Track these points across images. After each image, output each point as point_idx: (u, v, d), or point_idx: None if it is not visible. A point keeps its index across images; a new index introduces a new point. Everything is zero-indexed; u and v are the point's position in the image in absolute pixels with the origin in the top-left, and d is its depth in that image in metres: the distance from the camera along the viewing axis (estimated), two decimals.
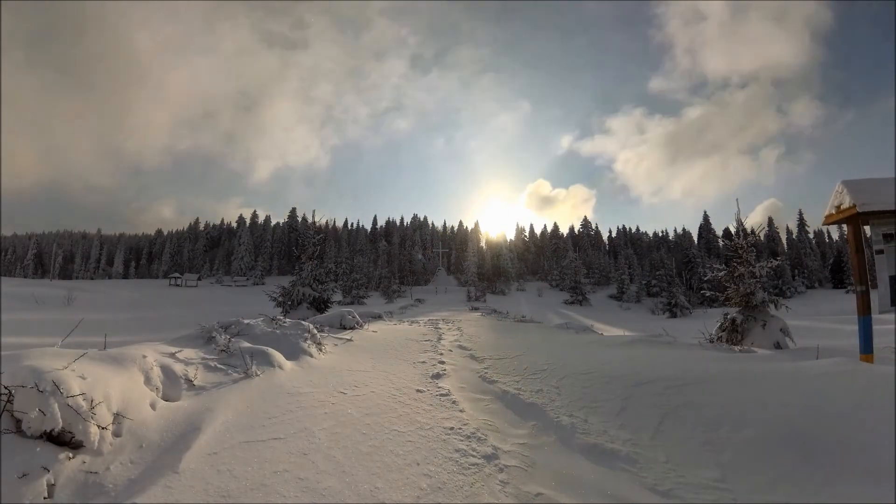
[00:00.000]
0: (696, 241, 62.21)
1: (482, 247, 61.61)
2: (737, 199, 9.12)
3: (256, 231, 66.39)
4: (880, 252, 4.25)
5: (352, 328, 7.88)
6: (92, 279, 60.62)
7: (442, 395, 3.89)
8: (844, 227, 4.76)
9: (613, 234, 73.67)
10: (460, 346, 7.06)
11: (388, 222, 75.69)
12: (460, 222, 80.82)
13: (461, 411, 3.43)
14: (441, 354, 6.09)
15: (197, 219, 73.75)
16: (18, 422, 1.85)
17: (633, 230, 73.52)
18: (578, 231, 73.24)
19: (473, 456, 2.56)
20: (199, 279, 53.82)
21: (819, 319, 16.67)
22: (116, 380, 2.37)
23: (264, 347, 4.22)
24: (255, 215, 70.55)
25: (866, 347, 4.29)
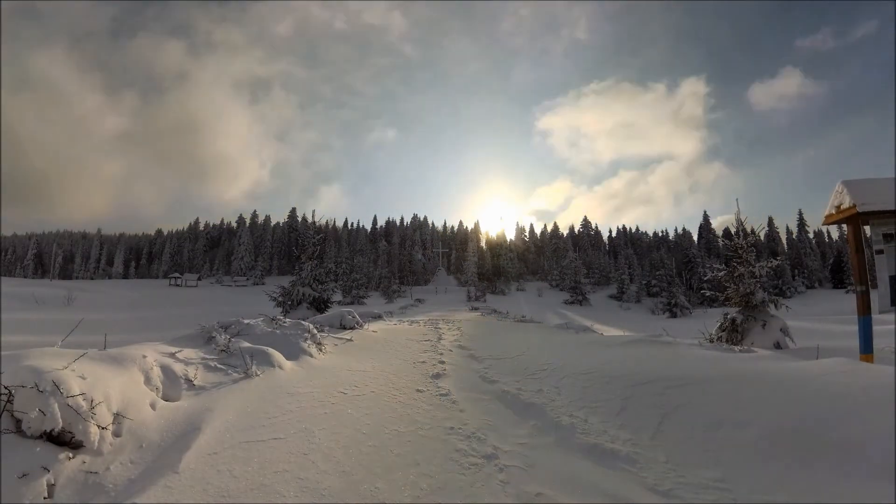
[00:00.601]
0: (696, 241, 62.25)
1: (482, 247, 61.62)
2: (737, 199, 9.11)
3: (256, 231, 66.41)
4: (880, 252, 4.25)
5: (352, 328, 7.88)
6: (92, 279, 60.62)
7: (442, 394, 3.89)
8: (844, 227, 4.76)
9: (613, 234, 73.82)
10: (460, 346, 7.06)
11: (388, 222, 75.76)
12: (460, 222, 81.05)
13: (461, 411, 3.43)
14: (441, 354, 6.10)
15: (197, 219, 73.88)
16: (18, 422, 1.85)
17: (633, 230, 73.66)
18: (578, 231, 73.28)
19: (473, 456, 2.56)
20: (199, 279, 53.83)
21: (819, 320, 16.67)
22: (116, 380, 2.37)
23: (264, 347, 4.22)
24: (255, 215, 70.61)
25: (866, 347, 4.29)
